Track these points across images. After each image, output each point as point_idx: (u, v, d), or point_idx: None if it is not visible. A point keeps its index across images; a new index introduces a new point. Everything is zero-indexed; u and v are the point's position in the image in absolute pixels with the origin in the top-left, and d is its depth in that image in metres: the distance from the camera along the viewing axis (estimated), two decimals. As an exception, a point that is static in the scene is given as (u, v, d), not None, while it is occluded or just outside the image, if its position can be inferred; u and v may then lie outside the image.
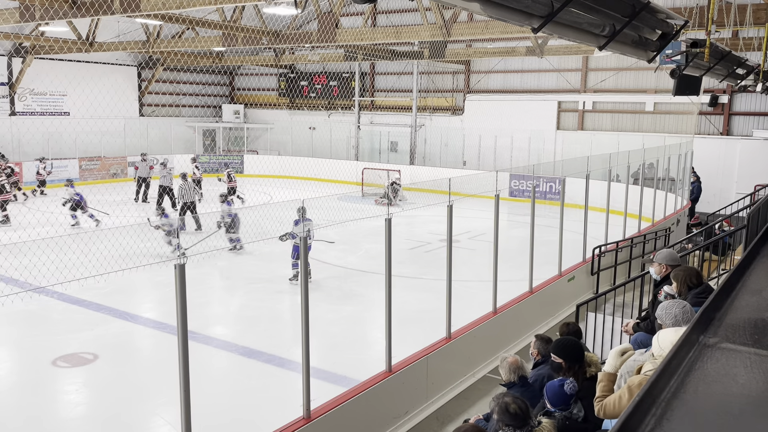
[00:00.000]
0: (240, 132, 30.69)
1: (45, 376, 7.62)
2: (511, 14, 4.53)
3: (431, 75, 26.19)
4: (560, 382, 4.20)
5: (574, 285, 10.71)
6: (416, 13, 22.42)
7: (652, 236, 13.47)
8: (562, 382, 4.18)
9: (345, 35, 17.07)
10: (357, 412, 5.97)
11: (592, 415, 4.12)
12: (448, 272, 7.44)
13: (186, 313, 4.51)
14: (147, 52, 21.20)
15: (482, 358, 8.01)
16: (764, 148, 19.44)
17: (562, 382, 4.18)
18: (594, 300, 8.75)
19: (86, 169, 24.36)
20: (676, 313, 4.02)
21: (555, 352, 4.57)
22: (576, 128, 23.22)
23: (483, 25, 15.36)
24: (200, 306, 9.72)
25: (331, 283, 11.30)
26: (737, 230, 11.80)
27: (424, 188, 18.31)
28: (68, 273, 8.27)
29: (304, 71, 29.81)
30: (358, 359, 8.11)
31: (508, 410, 3.63)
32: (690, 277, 5.17)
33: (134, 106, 27.89)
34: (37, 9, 14.03)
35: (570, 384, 4.15)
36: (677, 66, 7.48)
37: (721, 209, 16.93)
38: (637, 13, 5.70)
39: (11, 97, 23.70)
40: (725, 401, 1.61)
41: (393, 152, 27.08)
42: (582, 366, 4.46)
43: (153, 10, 12.92)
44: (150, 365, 8.05)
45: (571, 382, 4.18)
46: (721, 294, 2.27)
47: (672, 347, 1.75)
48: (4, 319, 9.15)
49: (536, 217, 9.55)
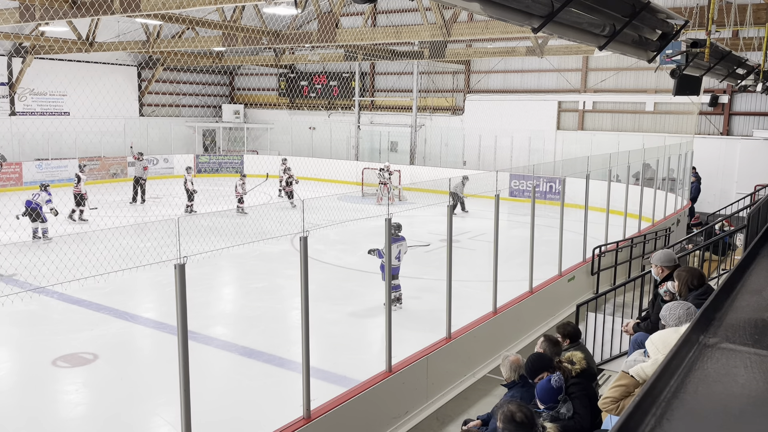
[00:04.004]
0: (240, 132, 30.69)
1: (45, 376, 7.62)
2: (511, 14, 4.53)
3: (431, 75, 26.19)
4: (548, 378, 4.27)
5: (574, 285, 10.71)
6: (416, 13, 22.43)
7: (652, 236, 13.46)
8: (549, 378, 4.23)
9: (345, 35, 17.07)
10: (357, 412, 5.97)
11: (580, 415, 4.13)
12: (448, 272, 7.43)
13: (186, 313, 4.51)
14: (147, 52, 21.20)
15: (482, 358, 8.02)
16: (764, 148, 19.43)
17: (549, 378, 4.25)
18: (594, 300, 8.75)
19: (86, 169, 24.33)
20: (680, 314, 4.03)
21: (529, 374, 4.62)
22: (576, 128, 23.21)
23: (483, 25, 15.35)
24: (200, 306, 9.73)
25: (331, 283, 11.30)
26: (737, 230, 11.80)
27: (424, 188, 18.35)
28: (68, 273, 8.28)
29: (304, 71, 29.81)
30: (358, 359, 8.11)
31: (514, 419, 3.53)
32: (692, 278, 5.13)
33: (134, 106, 27.90)
34: (37, 9, 14.03)
35: (556, 377, 4.18)
36: (677, 66, 7.48)
37: (722, 209, 16.93)
38: (637, 13, 5.70)
39: (11, 97, 23.70)
40: (725, 401, 1.61)
41: (393, 152, 27.07)
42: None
43: (153, 10, 12.92)
44: (150, 365, 8.04)
45: (557, 376, 4.21)
46: (721, 294, 2.27)
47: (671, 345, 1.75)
48: (4, 319, 9.14)
49: (536, 217, 9.55)
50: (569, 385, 4.28)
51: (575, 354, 4.71)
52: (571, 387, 4.27)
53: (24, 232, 12.47)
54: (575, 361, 4.57)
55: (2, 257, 11.07)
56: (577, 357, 4.64)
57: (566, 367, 4.48)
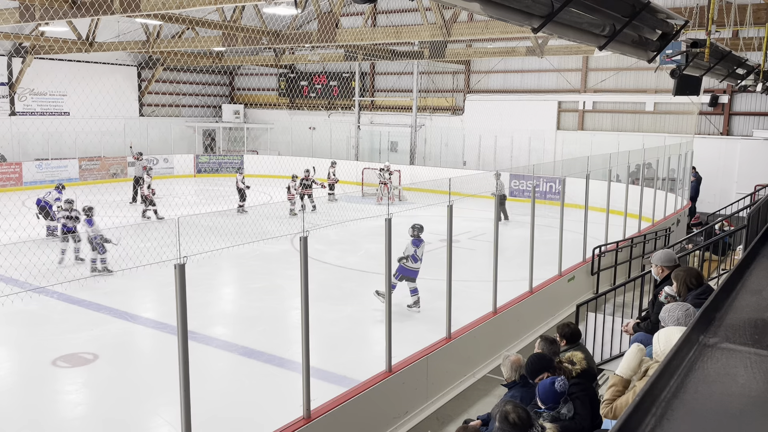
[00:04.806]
0: (240, 132, 30.69)
1: (45, 376, 7.62)
2: (511, 14, 4.53)
3: (431, 75, 26.19)
4: (551, 379, 4.23)
5: (574, 285, 10.71)
6: (416, 13, 22.42)
7: (652, 236, 13.47)
8: (554, 380, 4.20)
9: (345, 35, 17.07)
10: (357, 412, 5.97)
11: (581, 415, 4.13)
12: (448, 272, 7.43)
13: (186, 313, 4.51)
14: (147, 52, 21.20)
15: (482, 358, 8.02)
16: (764, 148, 19.44)
17: (553, 380, 4.21)
18: (594, 300, 8.75)
19: (86, 169, 24.36)
20: (678, 316, 4.04)
21: (530, 375, 4.59)
22: (576, 128, 23.21)
23: (483, 25, 15.35)
24: (200, 306, 9.73)
25: (331, 283, 11.30)
26: (737, 230, 11.80)
27: (424, 188, 18.34)
28: (68, 273, 8.28)
29: (304, 71, 29.81)
30: (358, 359, 8.11)
31: (507, 419, 3.60)
32: (690, 278, 5.15)
33: (134, 106, 27.90)
34: (37, 9, 14.03)
35: (561, 381, 4.17)
36: (677, 66, 7.48)
37: (721, 209, 16.93)
38: (637, 13, 5.69)
39: (11, 97, 23.71)
40: (725, 401, 1.61)
41: (393, 152, 27.07)
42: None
43: (153, 10, 12.92)
44: (150, 365, 8.04)
45: (562, 380, 4.20)
46: (721, 294, 2.27)
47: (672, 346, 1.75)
48: (4, 319, 9.14)
49: (536, 217, 9.55)
50: (569, 385, 4.28)
51: (575, 354, 4.71)
52: (571, 387, 4.27)
53: (24, 232, 12.46)
54: (575, 361, 4.57)
55: (2, 257, 11.06)
56: (577, 357, 4.64)
57: (566, 367, 4.48)
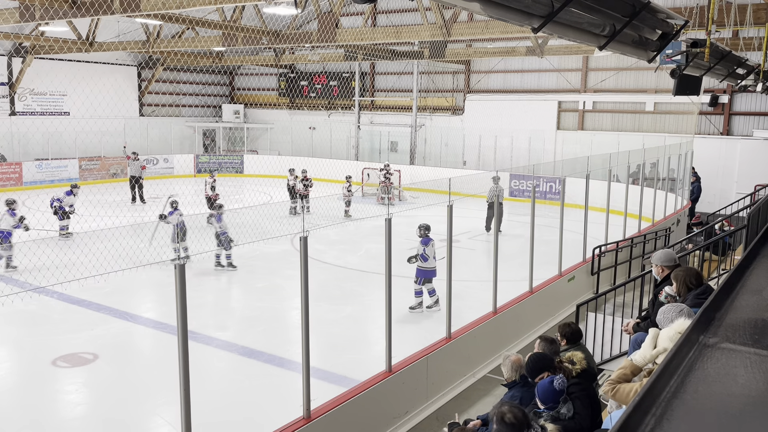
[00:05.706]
0: (240, 132, 30.69)
1: (45, 376, 7.62)
2: (511, 14, 4.53)
3: (431, 75, 26.18)
4: (550, 378, 4.24)
5: (574, 285, 10.71)
6: (416, 13, 22.42)
7: (652, 236, 13.46)
8: (552, 379, 4.21)
9: (345, 35, 17.07)
10: (357, 412, 5.97)
11: (581, 415, 4.13)
12: (448, 272, 7.44)
13: (186, 313, 4.51)
14: (147, 52, 21.20)
15: (482, 358, 8.02)
16: (764, 148, 19.43)
17: (551, 379, 4.22)
18: (594, 300, 8.75)
19: (86, 169, 24.37)
20: (672, 317, 4.06)
21: (530, 374, 4.58)
22: (576, 128, 23.21)
23: (483, 25, 15.35)
24: (200, 306, 9.73)
25: (331, 283, 11.30)
26: (737, 230, 11.80)
27: (424, 188, 18.34)
28: (68, 273, 8.27)
29: (304, 71, 29.80)
30: (358, 359, 8.11)
31: (503, 420, 3.60)
32: (689, 278, 5.15)
33: (134, 106, 27.89)
34: (37, 9, 14.03)
35: (559, 380, 4.17)
36: (677, 66, 7.48)
37: (722, 209, 16.93)
38: (637, 13, 5.70)
39: (11, 97, 23.70)
40: (725, 401, 1.61)
41: (393, 152, 27.07)
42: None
43: (153, 10, 12.92)
44: (150, 365, 8.04)
45: (560, 378, 4.20)
46: (721, 294, 2.27)
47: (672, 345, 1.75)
48: (4, 319, 9.14)
49: (536, 217, 9.55)
50: (570, 385, 4.28)
51: (575, 354, 4.71)
52: (571, 387, 4.27)
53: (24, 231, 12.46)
54: (576, 361, 4.57)
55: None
56: (577, 357, 4.64)
57: (567, 367, 4.48)
